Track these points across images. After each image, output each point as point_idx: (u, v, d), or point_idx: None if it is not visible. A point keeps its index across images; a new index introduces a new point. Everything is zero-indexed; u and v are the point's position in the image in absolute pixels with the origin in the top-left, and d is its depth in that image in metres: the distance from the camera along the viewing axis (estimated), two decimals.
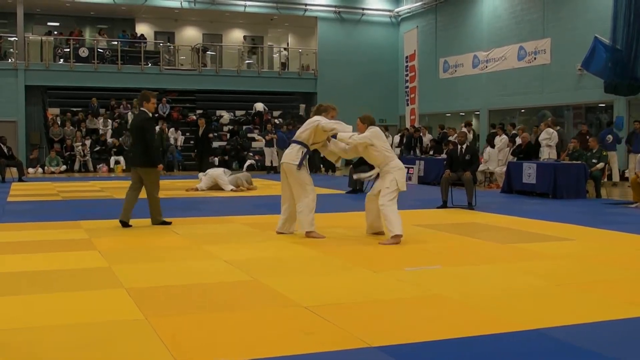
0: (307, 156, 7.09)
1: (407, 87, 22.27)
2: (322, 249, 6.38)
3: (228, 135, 24.95)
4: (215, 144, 23.91)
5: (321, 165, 22.69)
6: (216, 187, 13.46)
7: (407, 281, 4.92)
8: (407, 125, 21.53)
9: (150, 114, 7.97)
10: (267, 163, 21.70)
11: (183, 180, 15.51)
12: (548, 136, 14.46)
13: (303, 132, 7.15)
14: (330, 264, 5.65)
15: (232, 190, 13.15)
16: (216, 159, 22.49)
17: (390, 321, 3.87)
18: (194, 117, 25.45)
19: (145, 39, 26.31)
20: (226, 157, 23.22)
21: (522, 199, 12.25)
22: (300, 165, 6.95)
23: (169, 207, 10.21)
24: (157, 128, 14.74)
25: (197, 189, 13.25)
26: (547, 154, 14.17)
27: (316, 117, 7.18)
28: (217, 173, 13.61)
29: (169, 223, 8.06)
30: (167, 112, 24.65)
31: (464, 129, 15.52)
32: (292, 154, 7.03)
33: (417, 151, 17.90)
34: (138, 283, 4.83)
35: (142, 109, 7.98)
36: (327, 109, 7.21)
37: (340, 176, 19.42)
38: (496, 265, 5.66)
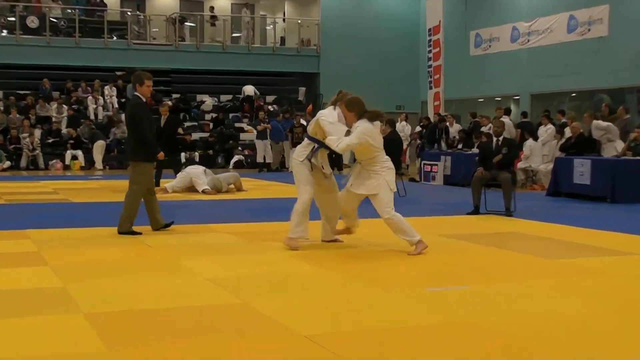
0: (316, 152, 7.20)
1: (430, 66, 22.27)
2: (324, 263, 6.38)
3: (211, 125, 25.00)
4: (196, 136, 23.97)
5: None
6: (194, 188, 13.46)
7: (427, 304, 4.91)
8: (430, 113, 21.53)
9: (144, 99, 8.10)
10: (259, 159, 21.75)
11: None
12: (602, 130, 14.35)
13: (309, 125, 7.42)
14: (334, 282, 5.65)
15: (204, 191, 13.15)
16: (196, 154, 22.53)
17: (406, 354, 3.86)
18: (170, 103, 25.47)
19: (106, 5, 26.35)
20: (210, 152, 23.27)
21: (572, 203, 12.24)
22: (308, 161, 7.16)
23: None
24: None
25: (166, 190, 13.25)
26: (614, 149, 13.93)
27: (322, 111, 7.24)
28: (196, 172, 13.62)
29: (139, 233, 8.10)
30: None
31: (504, 119, 15.49)
32: (300, 149, 7.33)
33: (443, 144, 17.90)
34: (99, 307, 4.83)
35: (135, 93, 8.12)
36: (343, 99, 7.17)
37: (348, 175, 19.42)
38: (539, 285, 5.65)
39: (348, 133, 7.01)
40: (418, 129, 20.28)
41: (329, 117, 7.09)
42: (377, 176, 7.06)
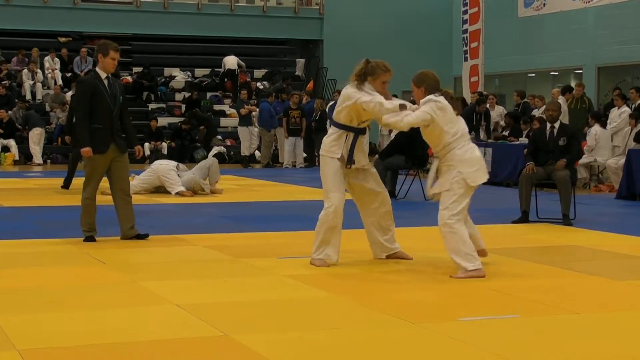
0: (353, 145, 7.19)
1: (465, 32, 22.27)
2: (331, 286, 6.39)
3: (183, 107, 25.01)
4: (163, 121, 24.01)
5: None
6: (162, 189, 13.48)
7: (461, 339, 4.91)
8: (466, 92, 21.53)
9: (104, 75, 8.36)
10: (243, 151, 21.78)
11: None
12: None
13: (339, 111, 7.29)
14: (344, 311, 5.66)
15: (179, 193, 13.17)
16: (164, 145, 22.58)
17: None
18: (129, 79, 25.53)
19: None
20: (185, 142, 23.30)
21: None
22: (344, 159, 7.16)
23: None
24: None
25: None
26: None
27: (350, 90, 7.21)
28: (166, 168, 13.62)
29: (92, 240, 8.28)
30: (87, 70, 24.68)
31: (560, 99, 15.45)
32: (328, 140, 7.28)
33: (482, 133, 17.91)
34: (38, 342, 4.83)
35: (96, 68, 8.45)
36: (375, 70, 7.29)
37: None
38: (607, 314, 5.65)
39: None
40: None
41: (364, 96, 7.07)
42: (451, 171, 6.93)
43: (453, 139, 7.00)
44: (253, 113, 21.81)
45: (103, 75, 8.35)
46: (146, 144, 22.47)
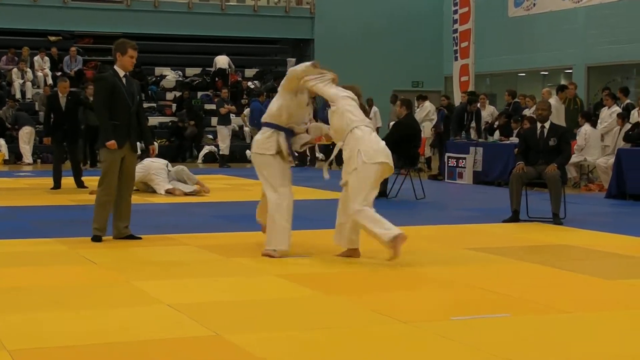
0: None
1: (455, 31, 22.29)
2: (323, 286, 6.40)
3: (174, 106, 24.98)
4: (154, 121, 23.96)
5: (320, 156, 22.72)
6: (150, 188, 13.47)
7: (454, 338, 4.93)
8: (455, 91, 21.54)
9: (122, 73, 8.63)
10: (223, 151, 21.59)
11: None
12: None
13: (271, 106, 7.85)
14: (337, 310, 5.67)
15: (168, 191, 13.17)
16: (155, 145, 22.50)
17: None
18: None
19: None
20: (179, 142, 23.25)
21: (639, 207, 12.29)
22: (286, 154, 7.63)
23: (76, 219, 10.21)
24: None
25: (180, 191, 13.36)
26: None
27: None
28: (157, 166, 13.63)
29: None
30: (77, 69, 24.65)
31: (554, 98, 15.36)
32: (263, 138, 7.78)
33: (473, 132, 17.94)
34: (29, 342, 4.83)
35: (115, 66, 8.70)
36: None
37: None
38: (598, 313, 5.67)
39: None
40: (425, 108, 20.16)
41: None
42: (350, 149, 7.36)
43: (354, 117, 7.41)
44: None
45: (121, 73, 8.56)
46: (138, 142, 22.40)
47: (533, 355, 4.63)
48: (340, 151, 7.48)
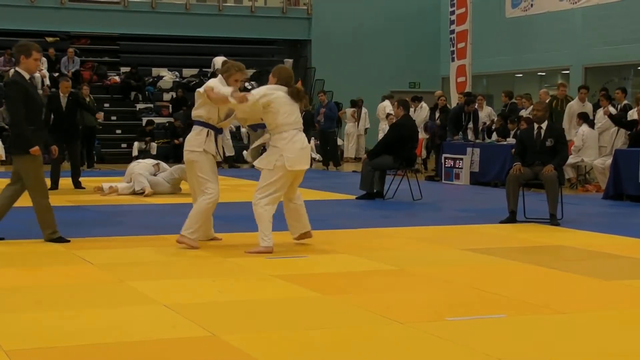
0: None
1: (452, 32, 22.32)
2: (320, 286, 6.40)
3: (170, 107, 24.97)
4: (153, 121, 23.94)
5: (317, 156, 22.73)
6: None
7: (450, 339, 4.93)
8: (452, 92, 21.56)
9: (27, 76, 8.39)
10: (227, 151, 21.62)
11: (95, 178, 15.52)
12: None
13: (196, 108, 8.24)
14: (333, 310, 5.67)
15: (143, 189, 13.20)
16: (154, 145, 22.52)
17: None
18: (117, 79, 25.49)
19: None
20: (177, 141, 23.16)
21: (637, 208, 12.28)
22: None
23: (72, 220, 10.21)
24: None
25: (102, 190, 13.35)
26: None
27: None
28: (140, 167, 13.65)
29: (67, 240, 8.27)
30: (75, 70, 24.65)
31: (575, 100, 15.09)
32: (196, 136, 8.18)
33: (470, 133, 17.95)
34: (25, 342, 4.83)
35: (17, 68, 8.39)
36: (230, 69, 8.12)
37: (349, 172, 19.45)
38: (594, 314, 5.67)
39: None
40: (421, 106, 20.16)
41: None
42: (273, 150, 7.90)
43: (284, 124, 7.85)
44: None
45: (27, 76, 8.36)
46: (135, 143, 22.42)
47: (529, 355, 4.64)
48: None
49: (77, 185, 14.22)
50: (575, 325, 5.35)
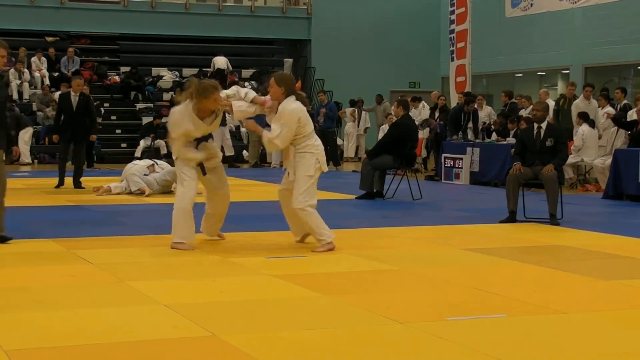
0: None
1: (452, 32, 22.31)
2: (320, 286, 6.40)
3: (170, 106, 24.97)
4: (150, 120, 23.93)
5: None
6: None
7: (449, 339, 4.93)
8: (451, 91, 21.55)
9: None
10: (226, 151, 21.61)
11: (95, 178, 15.52)
12: None
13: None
14: (333, 310, 5.67)
15: (139, 190, 13.22)
16: (162, 143, 22.47)
17: None
18: (117, 79, 25.48)
19: None
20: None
21: (638, 208, 12.29)
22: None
23: (72, 219, 10.21)
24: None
25: (109, 190, 13.35)
26: None
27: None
28: (135, 168, 13.66)
29: (9, 239, 8.22)
30: (75, 70, 24.65)
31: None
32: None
33: (470, 133, 17.95)
34: (25, 342, 4.83)
35: None
36: (207, 89, 7.96)
37: (349, 172, 19.45)
38: (594, 314, 5.68)
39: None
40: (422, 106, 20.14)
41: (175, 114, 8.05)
42: (307, 156, 8.03)
43: (311, 130, 8.09)
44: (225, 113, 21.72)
45: None
46: (141, 142, 22.38)
47: (529, 355, 4.64)
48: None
49: (78, 185, 14.23)
50: (575, 325, 5.35)
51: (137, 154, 21.66)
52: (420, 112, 20.20)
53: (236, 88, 8.26)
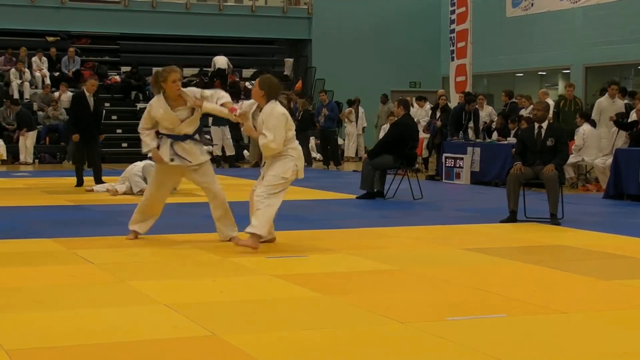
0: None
1: (452, 31, 22.31)
2: (320, 286, 6.40)
3: None
4: None
5: (317, 156, 22.71)
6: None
7: (449, 338, 4.93)
8: (451, 89, 21.54)
9: None
10: (216, 151, 21.57)
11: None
12: None
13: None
14: (333, 310, 5.67)
15: (141, 191, 13.24)
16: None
17: None
18: (117, 79, 25.48)
19: None
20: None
21: (638, 208, 12.29)
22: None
23: (72, 219, 10.22)
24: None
25: (115, 191, 13.37)
26: None
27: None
28: (136, 168, 13.68)
29: None
30: (75, 69, 24.65)
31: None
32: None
33: (470, 133, 17.95)
34: (26, 342, 4.83)
35: None
36: (164, 72, 8.15)
37: (350, 172, 19.46)
38: (594, 314, 5.68)
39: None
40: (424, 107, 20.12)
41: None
42: (286, 159, 7.96)
43: (293, 134, 8.01)
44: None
45: None
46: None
47: (529, 355, 4.64)
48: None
49: (100, 181, 14.37)
50: (575, 325, 5.35)
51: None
52: (428, 113, 20.18)
53: (216, 91, 8.32)
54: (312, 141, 23.12)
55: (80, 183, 14.47)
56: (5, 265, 7.26)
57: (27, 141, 21.60)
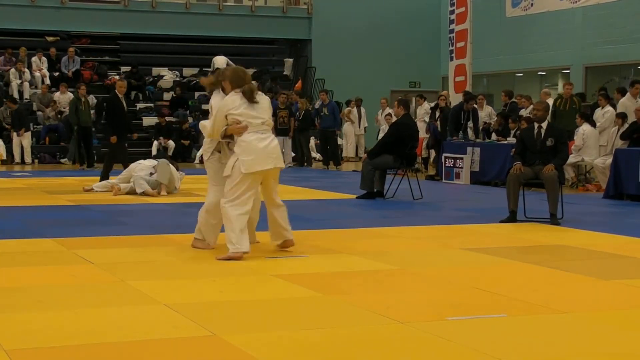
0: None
1: (452, 31, 22.29)
2: (320, 286, 6.41)
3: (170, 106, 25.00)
4: (151, 121, 23.96)
5: (317, 156, 22.69)
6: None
7: (449, 338, 4.94)
8: (451, 89, 21.52)
9: None
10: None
11: (96, 178, 15.51)
12: None
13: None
14: (333, 310, 5.68)
15: (144, 192, 13.23)
16: (171, 143, 22.52)
17: None
18: (116, 78, 25.46)
19: None
20: (185, 142, 23.23)
21: (638, 208, 12.29)
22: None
23: (73, 219, 10.22)
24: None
25: (118, 189, 13.35)
26: None
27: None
28: (139, 167, 13.67)
29: None
30: (75, 69, 24.65)
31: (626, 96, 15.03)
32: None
33: (470, 133, 17.94)
34: (26, 341, 4.84)
35: None
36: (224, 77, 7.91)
37: (350, 171, 19.46)
38: (594, 314, 5.68)
39: None
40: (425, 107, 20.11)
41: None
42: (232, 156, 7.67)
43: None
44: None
45: None
46: (155, 143, 22.38)
47: (529, 355, 4.64)
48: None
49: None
50: (575, 325, 5.35)
51: (154, 151, 21.67)
52: (427, 112, 20.23)
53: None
54: (312, 141, 23.12)
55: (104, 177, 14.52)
56: (5, 265, 7.26)
57: (24, 141, 21.57)
